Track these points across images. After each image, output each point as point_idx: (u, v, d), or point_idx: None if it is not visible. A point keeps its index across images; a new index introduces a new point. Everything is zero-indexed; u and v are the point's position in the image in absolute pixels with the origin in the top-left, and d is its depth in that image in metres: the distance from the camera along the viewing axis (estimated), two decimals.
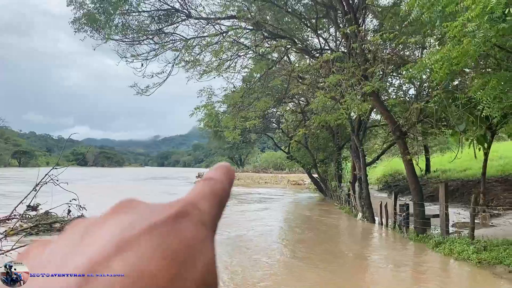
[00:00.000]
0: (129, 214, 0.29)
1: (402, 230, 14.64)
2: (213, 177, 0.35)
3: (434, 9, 7.84)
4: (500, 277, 9.11)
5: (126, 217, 0.28)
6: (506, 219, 16.15)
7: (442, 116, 15.47)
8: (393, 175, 33.65)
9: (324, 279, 9.59)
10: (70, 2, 15.17)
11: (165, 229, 0.27)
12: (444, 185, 13.07)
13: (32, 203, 11.41)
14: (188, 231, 0.28)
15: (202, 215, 0.31)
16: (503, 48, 8.12)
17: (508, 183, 20.92)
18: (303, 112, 26.17)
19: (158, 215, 0.28)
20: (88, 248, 0.26)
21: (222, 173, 0.36)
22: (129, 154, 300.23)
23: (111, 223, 0.28)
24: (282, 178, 54.81)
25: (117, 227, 0.27)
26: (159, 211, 0.29)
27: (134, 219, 0.28)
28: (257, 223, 17.88)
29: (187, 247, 0.27)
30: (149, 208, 0.30)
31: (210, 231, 0.30)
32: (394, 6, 16.28)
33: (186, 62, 17.05)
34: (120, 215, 0.29)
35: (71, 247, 0.27)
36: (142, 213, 0.29)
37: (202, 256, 0.28)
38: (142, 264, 0.24)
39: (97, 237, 0.27)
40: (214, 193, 0.33)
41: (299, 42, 17.46)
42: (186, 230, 0.28)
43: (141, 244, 0.26)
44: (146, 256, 0.25)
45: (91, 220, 0.30)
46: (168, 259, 0.25)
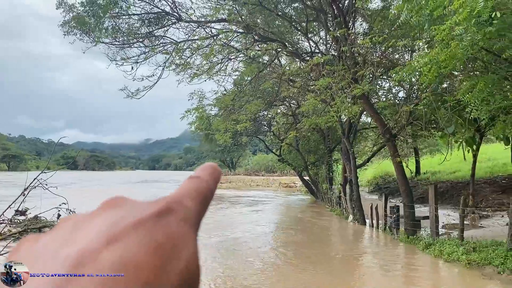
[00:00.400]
0: (117, 210, 0.31)
1: (393, 232, 14.72)
2: (200, 176, 0.37)
3: (422, 13, 7.91)
4: (489, 278, 9.20)
5: (114, 213, 0.30)
6: (495, 220, 16.32)
7: (432, 119, 15.61)
8: (383, 177, 33.84)
9: (316, 281, 9.60)
10: (60, 5, 15.08)
11: (151, 224, 0.29)
12: (433, 187, 13.18)
13: (21, 208, 11.29)
14: (172, 227, 0.30)
15: (186, 212, 0.32)
16: (490, 51, 8.22)
17: (497, 184, 21.14)
18: (294, 115, 26.24)
19: (144, 212, 0.30)
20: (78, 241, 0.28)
21: (208, 172, 0.38)
22: (120, 157, 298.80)
23: (100, 218, 0.30)
24: (273, 180, 54.88)
25: (106, 222, 0.29)
26: (145, 208, 0.31)
27: (121, 215, 0.30)
28: (249, 226, 17.86)
29: (171, 242, 0.29)
30: (135, 205, 0.32)
31: (193, 228, 0.32)
32: (383, 10, 16.42)
33: (177, 65, 17.02)
34: (108, 211, 0.31)
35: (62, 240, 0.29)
36: (129, 209, 0.31)
37: (185, 250, 0.29)
38: (129, 256, 0.26)
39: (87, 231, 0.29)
40: (199, 191, 0.35)
41: (289, 45, 17.51)
42: (170, 226, 0.30)
43: (128, 238, 0.27)
44: (132, 249, 0.27)
45: (80, 216, 0.32)
46: (152, 252, 0.27)
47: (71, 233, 0.29)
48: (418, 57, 9.10)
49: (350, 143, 18.72)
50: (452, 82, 13.18)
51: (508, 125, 10.20)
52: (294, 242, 14.61)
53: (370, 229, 16.74)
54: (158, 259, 0.27)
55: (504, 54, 7.50)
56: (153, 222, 0.29)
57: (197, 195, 0.34)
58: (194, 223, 0.32)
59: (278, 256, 12.32)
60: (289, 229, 17.99)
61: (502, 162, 25.28)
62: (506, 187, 20.39)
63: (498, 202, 18.18)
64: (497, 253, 9.84)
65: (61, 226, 0.31)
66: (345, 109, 14.36)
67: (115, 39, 15.72)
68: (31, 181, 8.55)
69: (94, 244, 0.27)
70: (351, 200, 18.98)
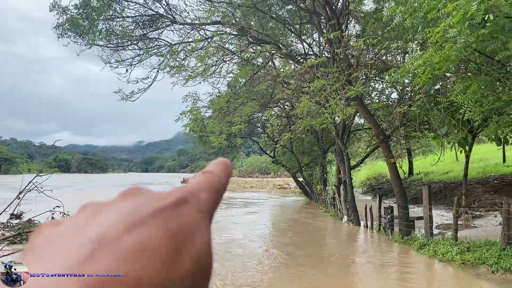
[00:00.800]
0: (135, 199, 0.33)
1: (387, 232, 14.80)
2: (213, 171, 0.39)
3: (416, 15, 8.00)
4: (483, 278, 9.29)
5: (132, 202, 0.32)
6: (488, 220, 16.48)
7: (425, 120, 15.75)
8: (376, 178, 34.03)
9: (312, 282, 9.64)
10: (53, 7, 15.02)
11: (168, 213, 0.31)
12: (427, 188, 13.28)
13: (16, 211, 11.20)
14: (187, 216, 0.32)
15: (200, 203, 0.34)
16: (483, 53, 8.33)
17: (489, 184, 21.35)
18: (288, 116, 26.31)
19: (161, 201, 0.32)
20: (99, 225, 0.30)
21: (220, 168, 0.40)
22: (112, 160, 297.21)
23: (119, 206, 0.32)
24: (267, 182, 54.94)
25: (125, 209, 0.31)
26: (162, 198, 0.33)
27: (140, 203, 0.32)
28: (245, 227, 17.88)
29: (186, 229, 0.31)
30: (153, 195, 0.34)
31: (207, 218, 0.34)
32: (377, 12, 16.52)
33: (171, 68, 17.01)
34: (126, 200, 0.33)
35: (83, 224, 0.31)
36: (147, 198, 0.33)
37: (199, 238, 0.31)
38: (147, 240, 0.28)
39: (107, 217, 0.31)
40: (212, 185, 0.37)
41: (283, 47, 17.58)
42: (186, 215, 0.32)
43: (146, 224, 0.29)
44: (151, 235, 0.29)
45: (99, 203, 0.34)
46: (169, 238, 0.29)
47: (91, 218, 0.31)
48: (412, 59, 9.20)
49: (344, 144, 18.81)
50: (444, 83, 13.31)
51: (501, 125, 10.33)
52: (289, 243, 14.65)
53: (364, 229, 16.83)
54: (174, 244, 0.29)
55: (496, 56, 7.60)
56: (170, 211, 0.31)
57: (210, 189, 0.36)
58: (207, 214, 0.34)
59: (274, 257, 12.34)
60: (285, 230, 18.04)
61: (493, 162, 25.54)
62: (498, 187, 20.60)
63: (491, 202, 18.35)
64: (490, 253, 9.94)
65: (81, 212, 0.33)
66: (340, 110, 14.44)
67: (109, 42, 15.69)
68: (27, 184, 8.50)
69: (114, 228, 0.29)
70: (346, 201, 19.07)
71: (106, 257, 0.27)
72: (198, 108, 23.94)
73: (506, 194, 17.64)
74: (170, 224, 0.30)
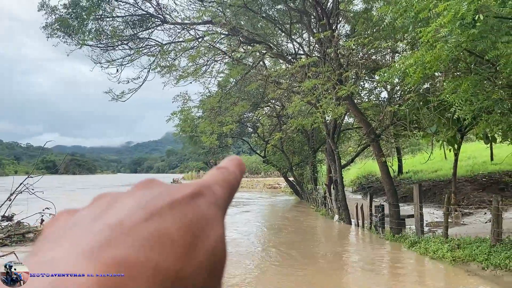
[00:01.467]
0: (152, 190, 0.33)
1: (378, 230, 14.92)
2: (227, 167, 0.39)
3: (407, 15, 8.09)
4: (473, 274, 9.41)
5: (149, 193, 0.32)
6: (477, 217, 16.70)
7: (414, 119, 15.90)
8: (366, 177, 34.24)
9: (304, 280, 9.68)
10: (42, 7, 14.85)
11: (184, 205, 0.31)
12: (418, 186, 13.40)
13: (7, 213, 11.07)
14: (203, 209, 0.32)
15: (215, 197, 0.34)
16: (473, 52, 8.45)
17: (477, 182, 21.63)
18: (278, 116, 26.37)
19: (178, 193, 0.32)
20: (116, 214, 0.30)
21: (234, 164, 0.40)
22: (101, 161, 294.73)
23: (135, 196, 0.32)
24: (258, 182, 54.95)
25: (143, 199, 0.31)
26: (179, 190, 0.33)
27: (157, 194, 0.32)
28: (236, 227, 17.86)
29: (202, 222, 0.31)
30: (169, 187, 0.34)
31: (221, 212, 0.34)
32: (366, 12, 16.64)
33: (162, 68, 16.94)
34: (143, 191, 0.33)
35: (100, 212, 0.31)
36: (163, 190, 0.33)
37: (213, 231, 0.32)
38: (164, 230, 0.29)
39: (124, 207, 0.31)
40: (226, 180, 0.37)
41: (274, 47, 17.61)
42: (201, 208, 0.32)
43: (163, 215, 0.30)
44: (167, 225, 0.29)
45: (117, 193, 0.34)
46: (185, 229, 0.29)
47: (107, 207, 0.31)
48: (403, 58, 9.28)
49: (335, 143, 18.90)
50: (433, 82, 13.46)
51: (490, 124, 10.48)
52: (281, 242, 14.68)
53: (356, 228, 16.93)
54: (190, 236, 0.29)
55: (486, 55, 7.72)
56: (187, 202, 0.31)
57: (225, 184, 0.37)
58: (222, 208, 0.35)
59: (266, 256, 12.37)
60: (276, 229, 18.08)
61: (481, 160, 25.90)
62: (486, 185, 20.89)
63: (479, 200, 18.60)
64: (480, 250, 10.09)
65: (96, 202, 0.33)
66: (331, 110, 14.52)
67: (99, 42, 15.56)
68: (18, 186, 8.41)
69: (133, 216, 0.29)
70: (337, 200, 19.17)
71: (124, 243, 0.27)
72: (189, 108, 23.88)
73: (494, 191, 17.90)
74: (187, 215, 0.30)
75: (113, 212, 0.30)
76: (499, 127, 11.06)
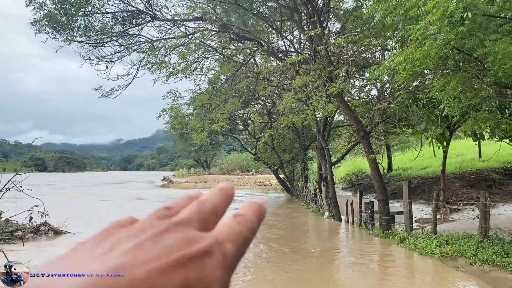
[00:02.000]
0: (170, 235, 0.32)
1: (368, 227, 15.03)
2: (244, 214, 0.37)
3: (397, 13, 8.13)
4: (461, 270, 9.54)
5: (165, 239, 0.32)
6: (465, 214, 16.88)
7: (403, 116, 16.01)
8: (356, 174, 34.39)
9: (294, 277, 9.73)
10: (30, 2, 14.67)
11: (190, 263, 0.30)
12: (407, 183, 13.53)
13: None
14: (207, 271, 0.31)
15: (224, 257, 0.33)
16: (462, 50, 8.53)
17: (465, 179, 21.86)
18: (269, 113, 26.39)
19: (189, 248, 0.31)
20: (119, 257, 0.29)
21: (253, 211, 0.38)
22: (90, 158, 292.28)
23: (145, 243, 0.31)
24: (248, 179, 54.94)
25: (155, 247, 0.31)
26: (190, 243, 0.32)
27: (173, 242, 0.31)
28: None
29: (203, 286, 0.30)
30: (185, 236, 0.33)
31: (228, 275, 0.33)
32: (357, 9, 16.69)
33: (152, 64, 16.84)
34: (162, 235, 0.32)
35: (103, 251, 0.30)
36: (179, 239, 0.32)
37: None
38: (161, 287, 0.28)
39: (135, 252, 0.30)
40: (242, 234, 0.35)
41: (265, 44, 17.61)
42: (206, 270, 0.31)
43: (167, 271, 0.29)
44: (167, 282, 0.29)
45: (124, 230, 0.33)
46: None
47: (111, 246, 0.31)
48: (392, 56, 9.34)
49: (325, 140, 18.97)
50: (423, 80, 13.56)
51: (478, 121, 10.60)
52: (272, 239, 14.71)
53: (346, 225, 17.04)
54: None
55: (474, 53, 7.80)
56: (193, 262, 0.31)
57: (239, 239, 0.35)
58: (230, 270, 0.33)
59: (257, 252, 12.39)
60: (267, 225, 18.10)
61: (470, 157, 26.14)
62: (474, 181, 21.12)
63: (467, 196, 18.80)
64: (468, 245, 10.20)
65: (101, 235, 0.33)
66: (321, 107, 14.57)
67: (89, 38, 15.42)
68: (6, 183, 8.32)
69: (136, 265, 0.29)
70: (327, 197, 19.25)
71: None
72: (180, 105, 23.80)
73: (482, 188, 18.12)
74: (189, 276, 0.30)
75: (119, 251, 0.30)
76: (487, 124, 11.17)
